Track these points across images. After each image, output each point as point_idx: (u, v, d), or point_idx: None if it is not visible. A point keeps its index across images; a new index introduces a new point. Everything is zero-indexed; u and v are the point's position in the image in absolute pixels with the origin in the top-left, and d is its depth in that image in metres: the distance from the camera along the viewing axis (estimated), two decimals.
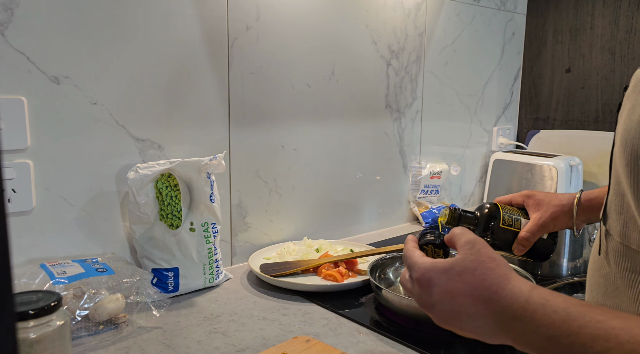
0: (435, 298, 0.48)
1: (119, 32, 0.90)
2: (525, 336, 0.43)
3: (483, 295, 0.45)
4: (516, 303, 0.43)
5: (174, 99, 0.99)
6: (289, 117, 1.17)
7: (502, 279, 0.45)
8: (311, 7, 1.17)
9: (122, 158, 0.94)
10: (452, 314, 0.47)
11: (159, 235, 0.92)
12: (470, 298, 0.46)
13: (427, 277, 0.49)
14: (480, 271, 0.46)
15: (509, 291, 0.44)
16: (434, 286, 0.48)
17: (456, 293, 0.46)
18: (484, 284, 0.46)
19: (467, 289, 0.46)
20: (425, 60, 1.45)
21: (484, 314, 0.45)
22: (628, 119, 0.46)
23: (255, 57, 1.09)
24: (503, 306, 0.44)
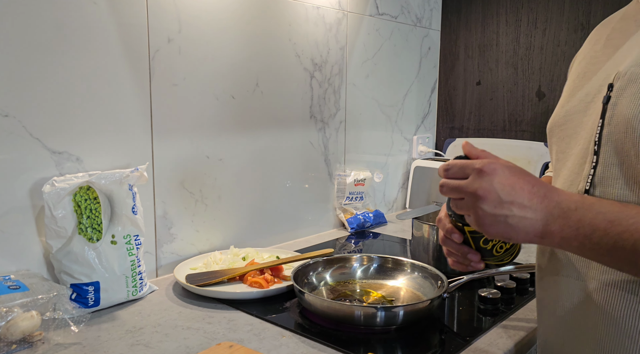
0: (496, 186, 0.55)
1: (33, 41, 0.88)
2: (581, 223, 0.53)
3: (540, 191, 0.55)
4: (572, 198, 0.54)
5: (92, 110, 0.97)
6: (214, 128, 1.18)
7: (552, 187, 0.56)
8: (234, 21, 1.19)
9: (36, 172, 0.91)
10: (507, 203, 0.54)
11: (77, 249, 0.90)
12: (529, 192, 0.54)
13: (493, 167, 0.55)
14: (533, 177, 0.56)
15: (562, 193, 0.55)
16: (497, 175, 0.55)
17: (517, 186, 0.54)
18: (539, 184, 0.55)
19: (526, 184, 0.55)
20: (347, 73, 1.52)
21: (536, 207, 0.54)
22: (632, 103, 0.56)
23: (178, 68, 1.10)
24: (558, 201, 0.54)
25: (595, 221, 0.52)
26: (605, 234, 0.51)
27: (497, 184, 0.55)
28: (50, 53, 0.90)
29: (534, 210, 0.54)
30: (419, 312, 0.86)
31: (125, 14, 1.00)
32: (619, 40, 0.67)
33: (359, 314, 0.83)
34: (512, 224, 0.55)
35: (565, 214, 0.53)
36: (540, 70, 1.64)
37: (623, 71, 0.59)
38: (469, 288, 1.04)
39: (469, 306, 0.97)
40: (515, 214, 0.54)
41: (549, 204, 0.54)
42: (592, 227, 0.52)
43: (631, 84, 0.57)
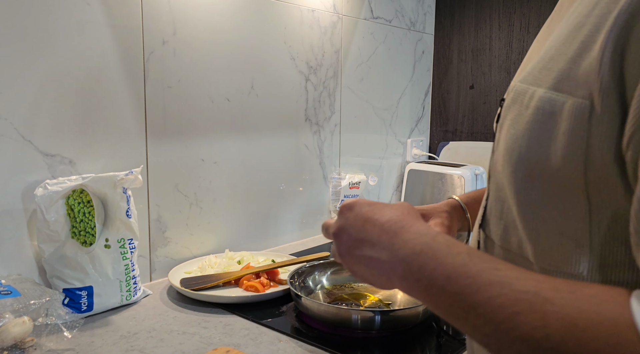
0: (350, 221, 0.49)
1: (26, 42, 0.87)
2: (421, 273, 0.42)
3: (392, 228, 0.47)
4: (421, 239, 0.45)
5: (86, 112, 0.96)
6: (209, 130, 1.17)
7: (413, 220, 0.48)
8: (229, 23, 1.19)
9: (29, 174, 0.90)
10: (357, 241, 0.48)
11: (70, 253, 0.89)
12: (380, 228, 0.47)
13: (352, 203, 0.51)
14: (399, 210, 0.49)
15: (416, 228, 0.46)
16: (352, 210, 0.50)
17: (370, 221, 0.48)
18: (397, 218, 0.48)
19: (380, 220, 0.48)
20: (342, 76, 1.52)
21: (385, 245, 0.46)
22: (513, 128, 0.47)
23: (173, 71, 1.09)
24: (406, 239, 0.45)
25: (434, 273, 0.42)
26: (441, 292, 0.41)
27: (352, 219, 0.50)
28: (42, 54, 0.89)
29: (382, 249, 0.46)
30: (415, 316, 0.86)
31: (119, 16, 0.99)
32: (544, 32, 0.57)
33: (356, 318, 0.83)
34: (367, 266, 0.48)
35: (408, 258, 0.44)
36: None
37: (514, 85, 0.50)
38: None
39: None
40: (366, 253, 0.47)
41: (397, 242, 0.45)
42: (430, 281, 0.42)
43: (514, 105, 0.48)
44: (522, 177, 0.46)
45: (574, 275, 0.44)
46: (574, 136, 0.40)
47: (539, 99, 0.44)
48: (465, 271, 0.40)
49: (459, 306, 0.39)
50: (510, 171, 0.48)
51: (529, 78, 0.48)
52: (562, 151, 0.42)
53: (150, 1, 1.03)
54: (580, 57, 0.41)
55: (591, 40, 0.40)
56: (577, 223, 0.43)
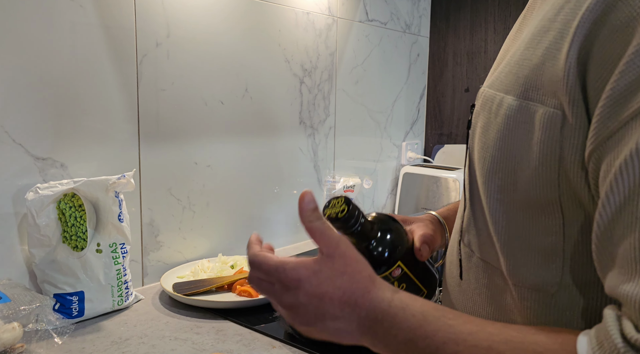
0: (302, 299, 0.46)
1: (18, 45, 0.86)
2: (386, 339, 0.44)
3: (351, 299, 0.45)
4: (379, 307, 0.44)
5: (78, 115, 0.95)
6: (202, 133, 1.17)
7: (368, 282, 0.46)
8: (223, 25, 1.18)
9: (19, 178, 0.89)
10: (317, 316, 0.46)
11: (61, 258, 0.88)
12: (339, 301, 0.45)
13: (297, 277, 0.46)
14: (349, 275, 0.46)
15: (374, 294, 0.45)
16: (301, 288, 0.46)
17: (326, 297, 0.45)
18: (352, 287, 0.45)
19: (337, 293, 0.45)
20: (337, 79, 1.51)
21: (348, 317, 0.45)
22: (483, 137, 0.47)
23: (166, 73, 1.08)
24: (367, 309, 0.45)
25: (397, 339, 0.43)
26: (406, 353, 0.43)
27: (303, 298, 0.45)
28: (34, 56, 0.88)
29: (347, 319, 0.46)
30: None
31: (112, 18, 0.98)
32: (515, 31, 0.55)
33: None
34: (332, 334, 0.47)
35: (373, 327, 0.45)
36: None
37: (483, 90, 0.50)
38: None
39: None
40: (329, 326, 0.46)
41: (360, 312, 0.45)
42: (396, 345, 0.44)
43: (483, 111, 0.48)
44: (494, 189, 0.46)
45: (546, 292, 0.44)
46: (547, 146, 0.40)
47: (508, 107, 0.44)
48: (422, 333, 0.42)
49: None
50: (482, 182, 0.47)
51: (497, 83, 0.47)
52: (535, 161, 0.41)
53: (144, 3, 1.02)
54: (544, 64, 0.40)
55: (555, 48, 0.39)
56: (549, 237, 0.43)
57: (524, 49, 0.44)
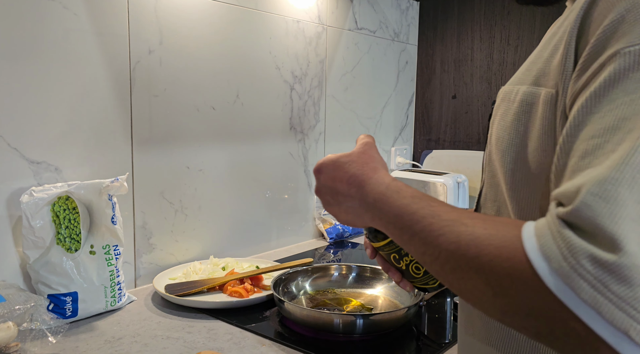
0: (323, 182, 0.59)
1: (11, 50, 0.88)
2: (382, 214, 0.53)
3: (356, 181, 0.56)
4: (378, 189, 0.54)
5: (72, 120, 0.97)
6: (195, 138, 1.19)
7: (371, 171, 0.56)
8: (215, 33, 1.21)
9: (14, 182, 0.91)
10: (333, 195, 0.58)
11: (55, 259, 0.90)
12: (347, 183, 0.57)
13: (318, 167, 0.60)
14: (358, 163, 0.58)
15: (375, 179, 0.55)
16: (322, 173, 0.59)
17: (337, 179, 0.58)
18: (357, 172, 0.57)
19: (345, 176, 0.57)
20: (326, 86, 1.55)
21: (355, 196, 0.56)
22: (502, 121, 0.56)
23: (159, 80, 1.11)
24: (368, 190, 0.55)
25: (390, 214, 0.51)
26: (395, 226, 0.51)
27: (323, 181, 0.59)
28: (29, 62, 0.91)
29: (354, 198, 0.56)
30: (396, 320, 0.88)
31: (106, 25, 1.01)
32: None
33: (338, 322, 0.85)
34: (347, 212, 0.58)
35: (372, 205, 0.54)
36: None
37: (503, 88, 0.59)
38: (445, 296, 1.07)
39: (444, 314, 0.99)
40: (343, 204, 0.58)
41: (362, 192, 0.55)
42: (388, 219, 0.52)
43: (503, 103, 0.57)
44: (510, 160, 0.54)
45: None
46: (546, 118, 0.48)
47: (522, 93, 0.52)
48: (408, 210, 0.50)
49: (406, 234, 0.49)
50: (500, 156, 0.55)
51: (515, 80, 0.56)
52: (537, 133, 0.49)
53: (137, 11, 1.05)
54: (552, 56, 0.49)
55: (558, 44, 0.48)
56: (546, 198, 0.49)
57: (539, 51, 0.53)
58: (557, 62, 0.47)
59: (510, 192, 0.54)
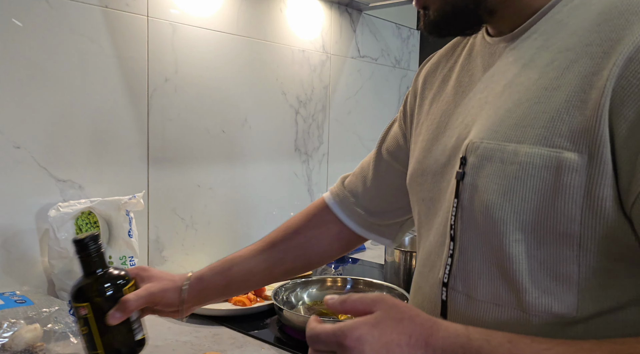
0: (367, 350, 0.45)
1: (42, 78, 1.00)
2: None
3: (419, 341, 0.45)
4: (457, 342, 0.45)
5: (95, 142, 1.08)
6: (205, 159, 1.29)
7: (431, 323, 0.47)
8: (226, 62, 1.32)
9: (43, 197, 1.01)
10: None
11: (77, 269, 0.99)
12: (407, 346, 0.45)
13: (357, 335, 0.46)
14: (409, 319, 0.47)
15: (444, 332, 0.46)
16: (365, 342, 0.45)
17: (392, 345, 0.45)
18: (417, 330, 0.46)
19: (402, 338, 0.46)
20: (330, 110, 1.64)
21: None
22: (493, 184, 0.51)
23: (173, 105, 1.21)
24: (442, 347, 0.45)
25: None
26: None
27: (371, 352, 0.45)
28: (58, 90, 1.02)
29: None
30: None
31: (127, 57, 1.12)
32: (468, 85, 0.61)
33: None
34: None
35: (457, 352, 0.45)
36: None
37: (476, 143, 0.53)
38: None
39: None
40: None
41: (435, 352, 0.45)
42: None
43: (487, 162, 0.52)
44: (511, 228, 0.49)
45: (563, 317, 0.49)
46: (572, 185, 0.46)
47: (526, 155, 0.48)
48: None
49: None
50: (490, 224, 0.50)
51: (498, 136, 0.51)
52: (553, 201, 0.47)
53: (155, 43, 1.16)
54: (568, 114, 0.47)
55: (578, 99, 0.46)
56: (569, 265, 0.48)
57: (533, 104, 0.50)
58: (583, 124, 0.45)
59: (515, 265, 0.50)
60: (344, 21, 1.66)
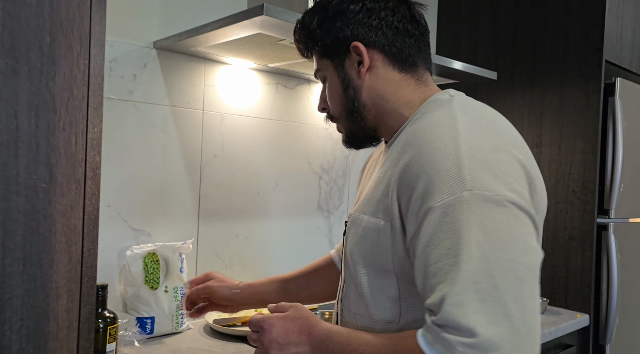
0: (274, 335, 0.77)
1: (130, 158, 1.42)
2: (329, 349, 0.74)
3: (304, 330, 0.76)
4: (324, 332, 0.76)
5: (161, 202, 1.48)
6: (243, 215, 1.66)
7: (315, 322, 0.78)
8: (261, 140, 1.71)
9: (122, 241, 1.41)
10: (285, 345, 0.76)
11: (143, 294, 1.37)
12: (297, 332, 0.76)
13: (270, 322, 0.78)
14: (302, 318, 0.79)
15: (320, 326, 0.77)
16: (274, 327, 0.77)
17: (289, 330, 0.77)
18: (305, 324, 0.77)
19: (295, 327, 0.77)
20: (350, 174, 1.98)
21: (304, 341, 0.76)
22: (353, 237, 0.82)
23: (220, 174, 1.61)
24: (317, 334, 0.76)
25: (335, 348, 0.73)
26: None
27: (275, 334, 0.76)
28: (138, 165, 1.44)
29: (304, 344, 0.76)
30: None
31: (186, 139, 1.53)
32: (367, 176, 0.90)
33: None
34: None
35: (320, 345, 0.74)
36: None
37: (352, 213, 0.83)
38: None
39: None
40: (293, 351, 0.76)
41: (311, 338, 0.75)
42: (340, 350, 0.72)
43: (353, 226, 0.81)
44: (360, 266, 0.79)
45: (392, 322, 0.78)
46: (384, 241, 0.75)
47: (366, 222, 0.79)
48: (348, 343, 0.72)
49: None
50: (352, 263, 0.80)
51: (360, 209, 0.82)
52: (380, 249, 0.76)
53: (208, 129, 1.58)
54: (384, 197, 0.76)
55: (386, 191, 0.75)
56: (392, 290, 0.78)
57: (372, 191, 0.80)
58: (389, 205, 0.73)
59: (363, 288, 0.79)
60: None
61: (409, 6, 0.84)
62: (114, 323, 1.13)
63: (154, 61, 1.46)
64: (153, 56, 1.45)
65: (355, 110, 0.84)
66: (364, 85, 0.83)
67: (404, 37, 0.82)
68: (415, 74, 0.84)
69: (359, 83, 0.83)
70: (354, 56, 0.83)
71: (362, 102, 0.84)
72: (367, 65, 0.82)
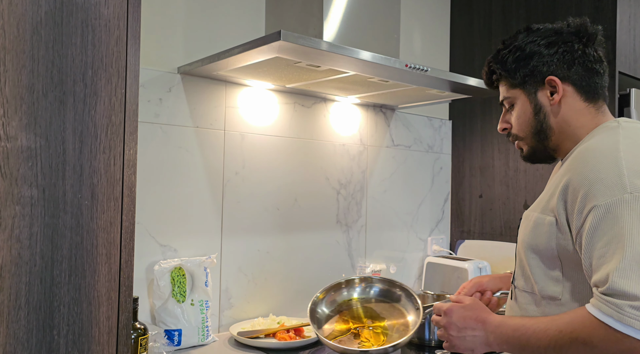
0: (454, 320, 0.99)
1: (156, 178, 1.50)
2: (503, 335, 0.92)
3: (480, 318, 0.97)
4: (497, 319, 0.96)
5: (186, 219, 1.55)
6: (264, 230, 1.72)
7: (489, 312, 0.99)
8: (280, 157, 1.77)
9: (150, 257, 1.48)
10: (462, 329, 0.97)
11: (170, 307, 1.43)
12: (474, 320, 0.97)
13: (450, 308, 1.01)
14: (480, 309, 0.99)
15: (494, 316, 0.97)
16: (454, 313, 0.99)
17: (467, 317, 0.98)
18: (481, 314, 0.98)
19: (472, 315, 0.98)
20: (367, 189, 2.03)
21: (480, 328, 0.96)
22: (525, 229, 1.00)
23: (241, 191, 1.67)
24: (491, 321, 0.96)
25: (507, 333, 0.92)
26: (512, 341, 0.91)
27: (455, 319, 0.98)
28: (164, 184, 1.51)
29: (480, 330, 0.96)
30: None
31: (209, 158, 1.61)
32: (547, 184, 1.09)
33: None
34: (469, 341, 0.96)
35: (495, 330, 0.94)
36: (526, 188, 2.06)
37: (525, 212, 1.04)
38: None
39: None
40: (469, 334, 0.96)
41: (486, 325, 0.95)
42: (507, 338, 0.91)
43: (525, 220, 1.03)
44: (530, 253, 0.99)
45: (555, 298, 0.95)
46: (550, 232, 0.94)
47: (535, 217, 0.98)
48: (520, 328, 0.90)
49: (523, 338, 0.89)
50: (523, 250, 1.00)
51: (531, 208, 1.02)
52: (546, 239, 0.95)
53: (229, 148, 1.65)
54: (552, 198, 0.94)
55: (554, 194, 0.94)
56: (556, 272, 0.95)
57: (543, 194, 1.01)
58: (554, 204, 0.92)
59: (531, 270, 0.98)
60: (379, 118, 2.09)
61: (595, 48, 1.03)
62: (144, 334, 1.19)
63: (178, 85, 1.54)
64: (177, 81, 1.54)
65: (542, 131, 1.03)
66: (553, 111, 1.02)
67: (593, 74, 1.02)
68: (596, 104, 1.02)
69: (549, 109, 1.02)
70: (547, 87, 1.01)
71: (550, 124, 1.02)
72: (561, 95, 1.00)
